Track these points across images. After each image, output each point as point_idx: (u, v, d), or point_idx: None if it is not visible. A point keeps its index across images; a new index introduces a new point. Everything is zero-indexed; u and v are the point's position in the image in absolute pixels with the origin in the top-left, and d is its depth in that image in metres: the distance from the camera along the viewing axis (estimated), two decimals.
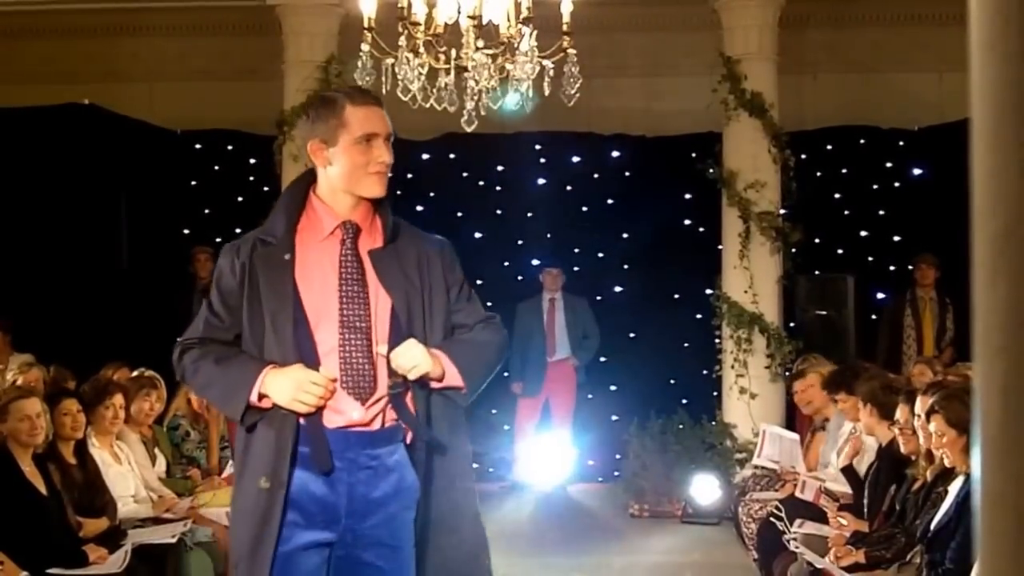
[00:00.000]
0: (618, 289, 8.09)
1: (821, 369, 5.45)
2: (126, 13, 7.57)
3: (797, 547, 4.17)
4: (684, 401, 7.34)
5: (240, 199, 8.08)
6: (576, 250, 7.99)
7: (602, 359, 7.70)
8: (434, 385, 2.31)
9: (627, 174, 8.08)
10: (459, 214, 8.13)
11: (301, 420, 2.24)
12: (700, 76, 7.12)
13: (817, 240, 7.67)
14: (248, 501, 2.25)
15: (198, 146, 8.19)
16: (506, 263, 8.12)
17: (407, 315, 2.32)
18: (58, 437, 4.19)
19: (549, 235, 8.01)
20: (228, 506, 4.89)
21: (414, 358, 2.25)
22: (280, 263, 2.30)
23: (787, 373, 6.79)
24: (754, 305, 6.88)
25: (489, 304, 9.06)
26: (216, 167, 8.19)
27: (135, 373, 5.27)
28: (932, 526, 3.52)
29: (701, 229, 7.79)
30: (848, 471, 4.67)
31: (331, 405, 2.25)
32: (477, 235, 8.10)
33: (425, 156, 8.16)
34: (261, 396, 2.23)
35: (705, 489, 6.47)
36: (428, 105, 4.28)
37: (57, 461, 4.13)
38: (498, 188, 8.11)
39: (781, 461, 5.56)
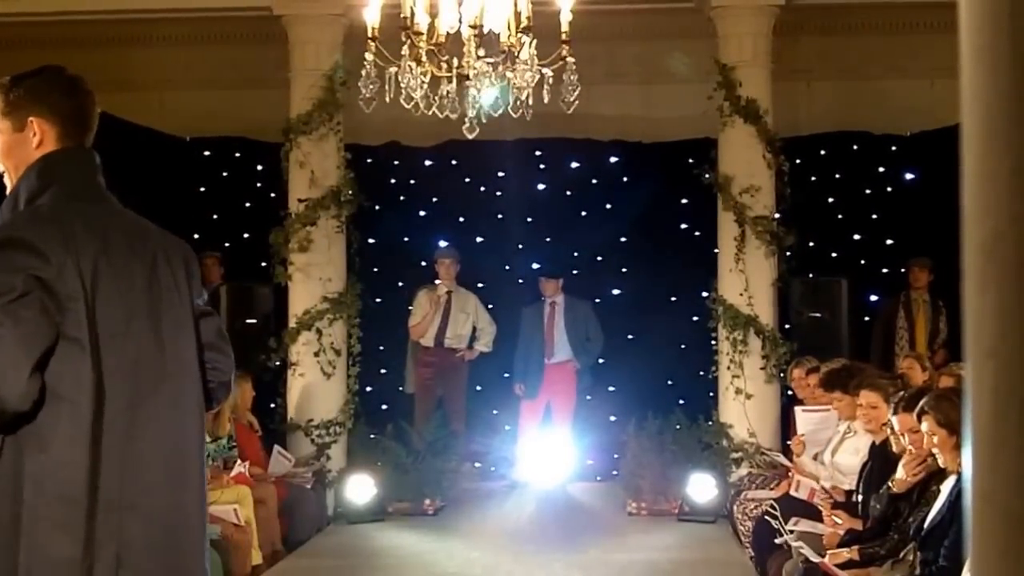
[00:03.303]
0: (616, 292, 8.20)
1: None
2: (136, 24, 7.67)
3: (795, 542, 4.22)
4: (681, 402, 7.44)
5: (248, 205, 8.21)
6: (575, 254, 8.11)
7: (601, 360, 7.78)
8: None
9: (625, 179, 8.20)
10: (461, 219, 8.26)
11: None
12: (696, 83, 7.22)
13: (811, 244, 7.77)
14: None
15: (206, 153, 8.31)
16: (507, 267, 8.24)
17: None
18: None
19: (548, 239, 8.14)
20: (236, 504, 5.05)
21: None
22: None
23: (781, 374, 6.91)
24: (749, 307, 6.97)
25: (491, 307, 9.13)
26: (224, 173, 8.31)
27: None
28: (925, 524, 3.58)
29: (697, 233, 7.88)
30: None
31: None
32: (479, 239, 8.22)
33: (428, 162, 8.29)
34: None
35: (702, 488, 6.55)
36: (430, 113, 4.37)
37: None
38: (499, 193, 8.22)
39: (819, 434, 5.44)
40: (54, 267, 1.91)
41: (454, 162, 8.21)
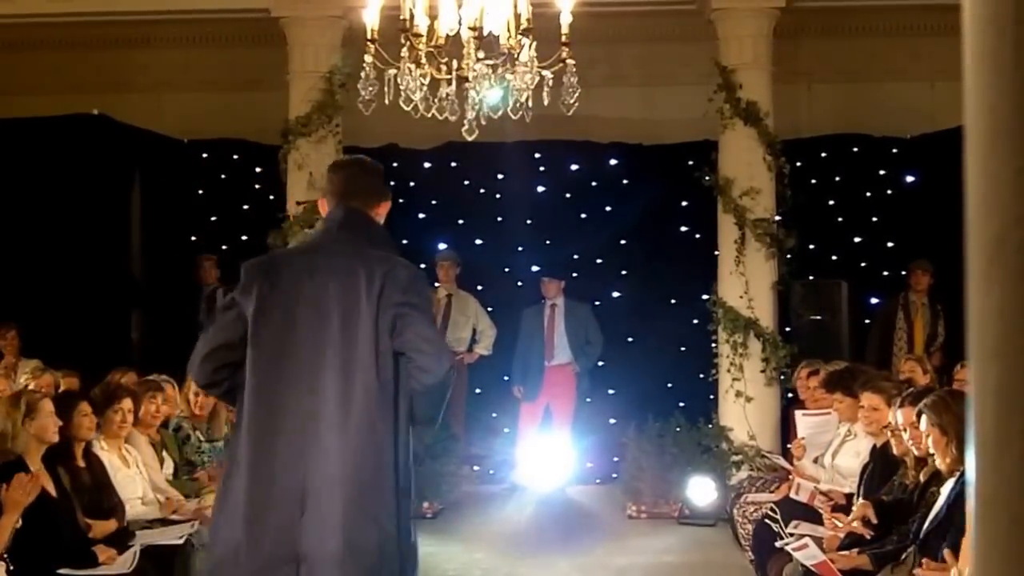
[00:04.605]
0: (616, 294, 8.20)
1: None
2: (135, 25, 7.67)
3: (798, 543, 4.19)
4: (681, 404, 7.42)
5: (246, 207, 8.20)
6: (575, 256, 8.10)
7: (600, 363, 7.78)
8: None
9: (625, 182, 8.20)
10: (460, 221, 8.25)
11: None
12: (696, 85, 7.22)
13: (811, 246, 7.78)
14: None
15: (205, 155, 8.30)
16: (506, 269, 8.23)
17: None
18: (72, 439, 4.26)
19: (548, 242, 8.13)
20: None
21: None
22: None
23: (781, 377, 6.90)
24: (750, 310, 6.97)
25: (490, 309, 9.11)
26: (223, 176, 8.30)
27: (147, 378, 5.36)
28: (924, 527, 3.58)
29: (697, 236, 7.88)
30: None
31: None
32: (478, 242, 8.22)
33: (427, 165, 8.29)
34: None
35: (702, 491, 6.53)
36: (430, 115, 4.36)
37: (66, 464, 4.17)
38: (498, 196, 8.22)
39: (819, 437, 5.48)
40: (245, 290, 2.59)
41: (453, 164, 8.21)
